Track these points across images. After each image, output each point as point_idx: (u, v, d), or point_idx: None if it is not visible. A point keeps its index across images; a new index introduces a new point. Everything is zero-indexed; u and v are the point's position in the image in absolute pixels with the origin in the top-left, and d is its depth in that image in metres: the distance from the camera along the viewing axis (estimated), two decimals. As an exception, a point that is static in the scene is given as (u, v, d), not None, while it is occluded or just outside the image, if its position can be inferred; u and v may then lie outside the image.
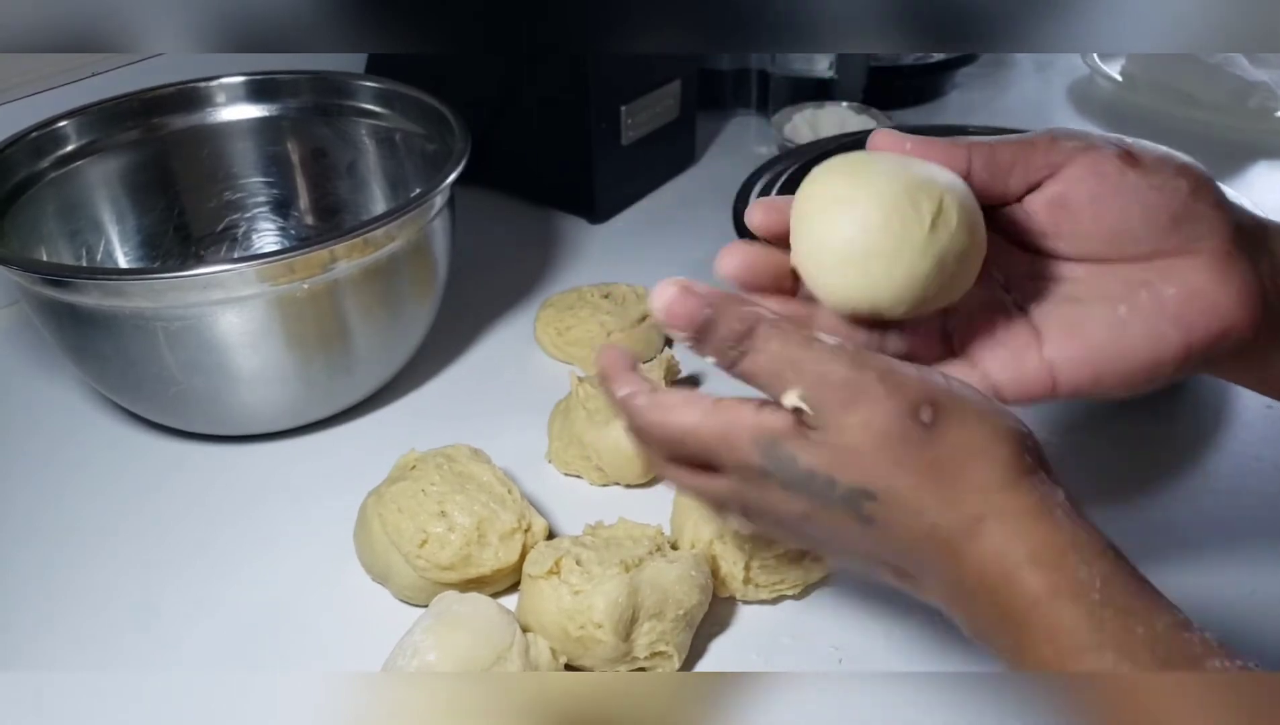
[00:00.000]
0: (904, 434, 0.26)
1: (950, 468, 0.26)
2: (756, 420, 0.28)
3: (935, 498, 0.27)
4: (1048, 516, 0.26)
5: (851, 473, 0.27)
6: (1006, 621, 0.26)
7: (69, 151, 0.56)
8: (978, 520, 0.26)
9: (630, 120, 0.70)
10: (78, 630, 0.43)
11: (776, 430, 0.28)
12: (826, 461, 0.27)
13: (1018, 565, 0.26)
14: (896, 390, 0.27)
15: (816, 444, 0.27)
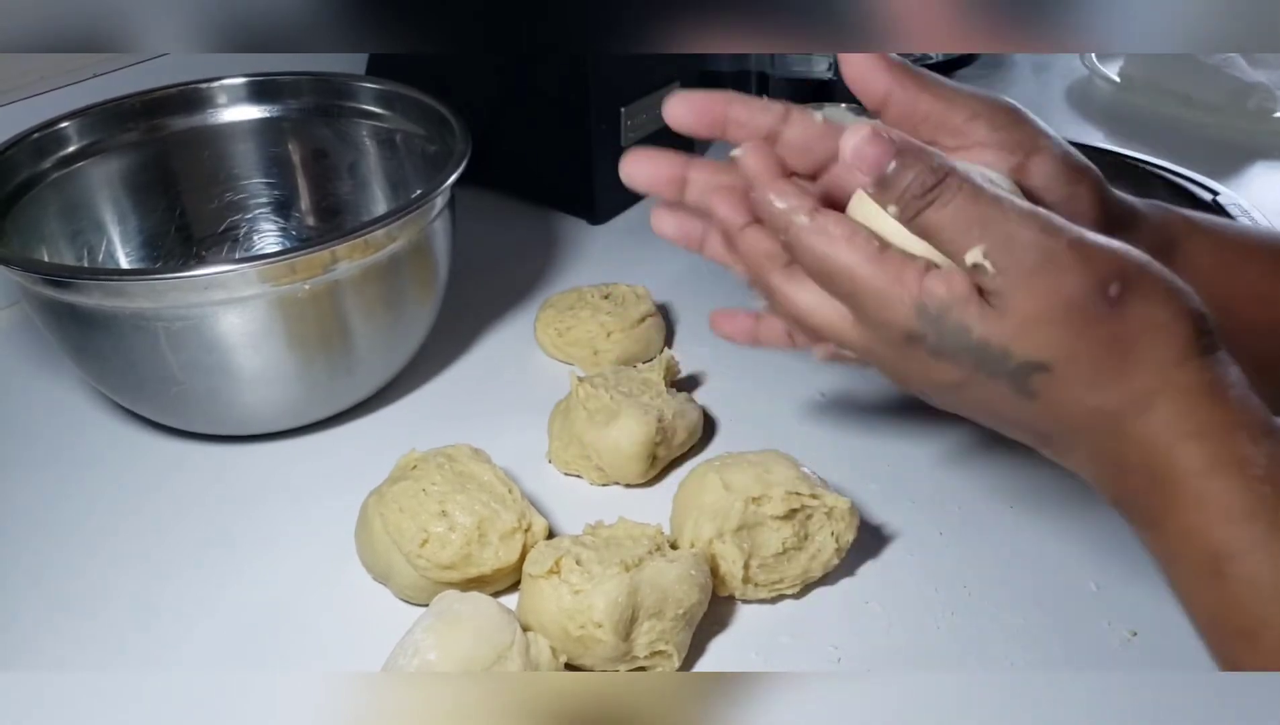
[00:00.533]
0: (1090, 307, 0.26)
1: (1131, 344, 0.26)
2: (925, 284, 0.27)
3: (1111, 374, 0.26)
4: (1221, 394, 0.26)
5: (1029, 344, 0.26)
6: (1157, 490, 0.26)
7: (71, 152, 0.56)
8: (1150, 395, 0.26)
9: (630, 121, 0.70)
10: (78, 630, 0.43)
11: (948, 297, 0.27)
12: (1004, 331, 0.26)
13: (1183, 438, 0.25)
14: (1087, 261, 0.26)
15: (995, 312, 0.26)
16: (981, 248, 0.26)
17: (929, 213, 0.27)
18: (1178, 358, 0.26)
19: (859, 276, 0.28)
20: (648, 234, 0.72)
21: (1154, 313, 0.26)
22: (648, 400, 0.49)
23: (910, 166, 0.27)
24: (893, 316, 0.28)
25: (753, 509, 0.42)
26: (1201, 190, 0.57)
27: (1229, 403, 0.26)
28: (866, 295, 0.28)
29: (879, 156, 0.27)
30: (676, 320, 0.62)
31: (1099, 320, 0.26)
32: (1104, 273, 0.26)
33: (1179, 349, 0.26)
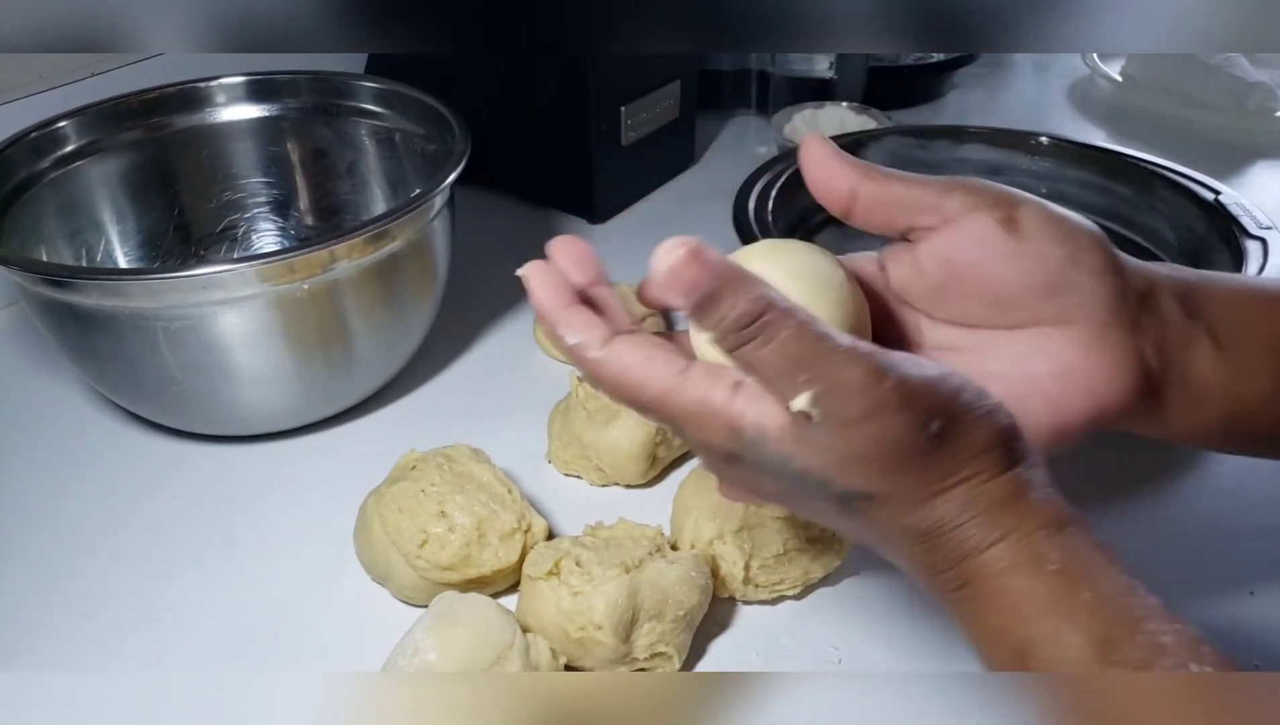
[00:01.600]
0: (913, 445, 0.26)
1: (948, 471, 0.27)
2: (736, 410, 0.27)
3: (930, 498, 0.27)
4: (1024, 498, 0.27)
5: (851, 478, 0.27)
6: (968, 593, 0.27)
7: (69, 151, 0.56)
8: (962, 511, 0.27)
9: (630, 121, 0.70)
10: (78, 630, 0.43)
11: (763, 429, 0.26)
12: (824, 464, 0.27)
13: (988, 545, 0.27)
14: (910, 402, 0.26)
15: (815, 448, 0.26)
16: (809, 395, 0.26)
17: (748, 349, 0.26)
18: (990, 475, 0.27)
19: (668, 401, 0.27)
20: (648, 234, 0.72)
21: (971, 442, 0.27)
22: (648, 400, 0.49)
23: (727, 296, 0.26)
24: (709, 438, 0.27)
25: (753, 510, 0.42)
26: (1203, 189, 0.57)
27: (1031, 505, 0.27)
28: (680, 420, 0.28)
29: (694, 281, 0.26)
30: (676, 320, 0.62)
31: (920, 454, 0.26)
32: (927, 411, 0.26)
33: (991, 467, 0.27)
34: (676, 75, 0.73)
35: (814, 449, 0.26)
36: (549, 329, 0.29)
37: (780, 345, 0.26)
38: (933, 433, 0.26)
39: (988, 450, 0.27)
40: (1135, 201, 0.60)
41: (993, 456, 0.27)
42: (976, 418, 0.27)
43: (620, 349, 0.28)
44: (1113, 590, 0.26)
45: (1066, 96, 0.95)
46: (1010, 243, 0.30)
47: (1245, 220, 0.54)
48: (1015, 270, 0.30)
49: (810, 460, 0.27)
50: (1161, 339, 0.31)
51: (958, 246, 0.30)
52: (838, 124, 0.79)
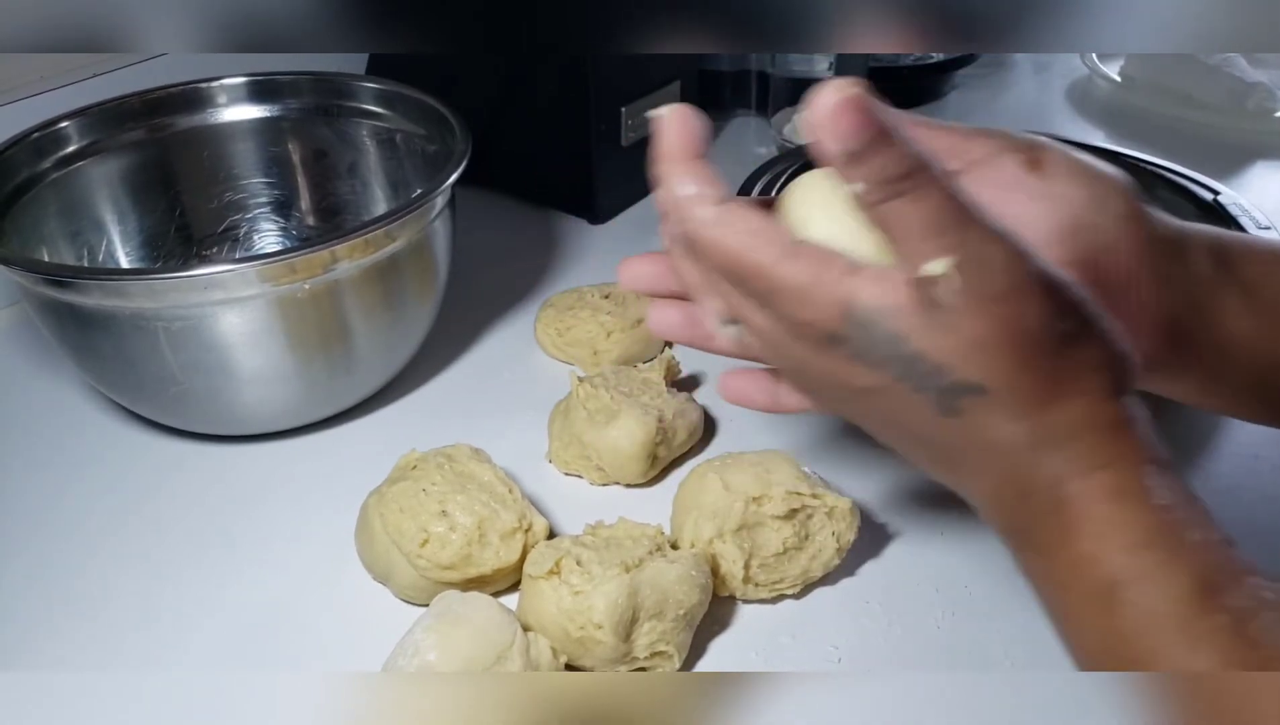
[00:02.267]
0: (1044, 339, 0.25)
1: (1069, 380, 0.26)
2: (853, 284, 0.25)
3: (1043, 406, 0.25)
4: (1131, 430, 0.26)
5: (971, 366, 0.25)
6: (1057, 517, 0.25)
7: (70, 152, 0.56)
8: (1071, 428, 0.26)
9: (630, 121, 0.70)
10: (78, 630, 0.43)
11: (882, 303, 0.25)
12: (947, 348, 0.25)
13: (1092, 469, 0.25)
14: (1051, 293, 0.25)
15: (940, 326, 0.25)
16: (951, 260, 0.24)
17: (897, 204, 0.25)
18: (1103, 397, 0.26)
19: (774, 274, 0.26)
20: (648, 234, 0.72)
21: (1094, 354, 0.26)
22: (648, 400, 0.49)
23: (888, 146, 0.25)
24: (814, 316, 0.26)
25: (753, 509, 0.42)
26: (1202, 190, 0.57)
27: (1137, 438, 0.26)
28: (784, 294, 0.26)
29: (855, 127, 0.25)
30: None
31: (1048, 354, 0.25)
32: (1065, 306, 0.25)
33: (1106, 390, 0.26)
34: (676, 75, 0.73)
35: (939, 328, 0.25)
36: (665, 177, 0.27)
37: (929, 205, 0.25)
38: (1064, 331, 0.25)
39: (1106, 369, 0.26)
40: (1135, 202, 0.60)
41: (1109, 377, 0.26)
42: (1103, 333, 0.26)
43: (737, 208, 0.27)
44: (1218, 538, 0.25)
45: (1066, 96, 0.95)
46: (1034, 182, 0.29)
47: (1244, 220, 0.54)
48: (1039, 210, 0.29)
49: (931, 341, 0.25)
50: (1191, 292, 0.30)
51: (982, 187, 0.29)
52: (838, 124, 0.79)
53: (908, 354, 0.25)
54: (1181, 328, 0.30)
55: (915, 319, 0.25)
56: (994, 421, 0.26)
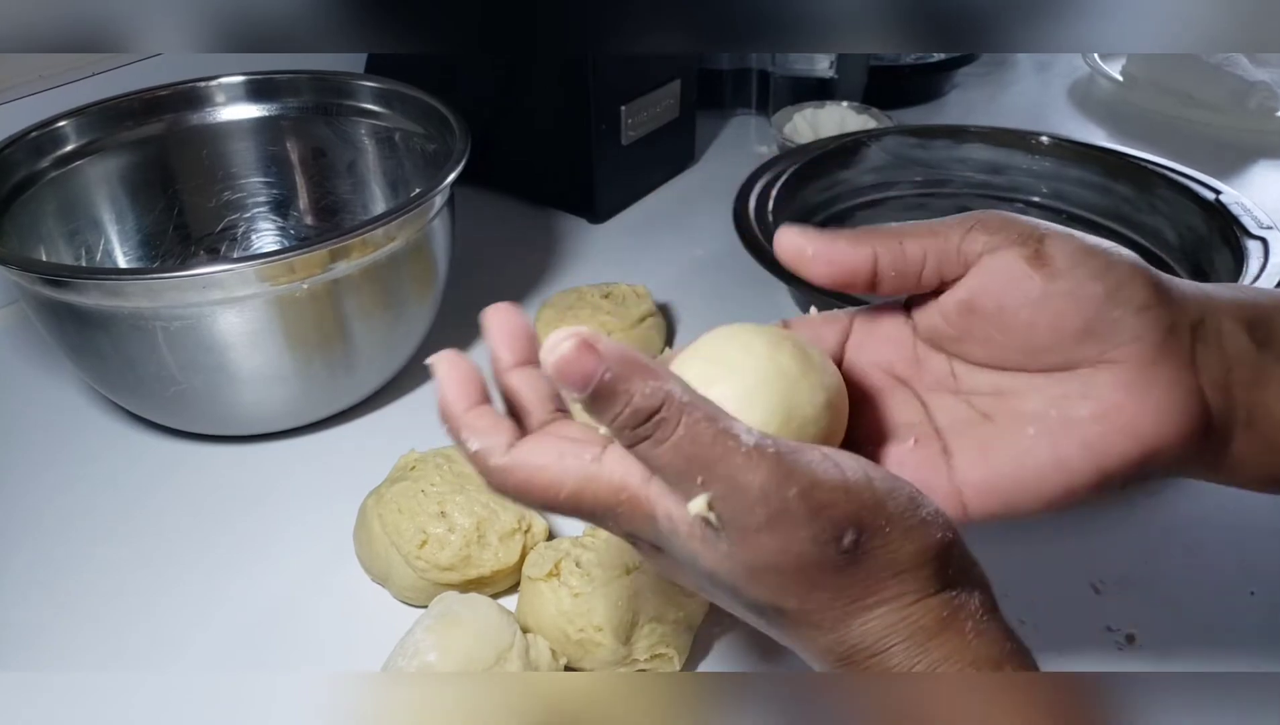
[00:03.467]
0: (822, 560, 0.24)
1: (867, 590, 0.25)
2: (652, 496, 0.25)
3: (844, 618, 0.25)
4: (956, 629, 0.25)
5: (760, 589, 0.25)
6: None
7: (68, 151, 0.56)
8: (886, 635, 0.25)
9: (630, 120, 0.70)
10: (78, 630, 0.43)
11: (676, 521, 0.24)
12: (729, 572, 0.25)
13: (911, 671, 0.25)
14: (819, 512, 0.24)
15: (722, 553, 0.24)
16: (705, 498, 0.23)
17: (644, 447, 0.24)
18: (918, 597, 0.25)
19: (583, 498, 0.25)
20: (648, 234, 0.72)
21: (893, 558, 0.24)
22: (648, 400, 0.49)
23: (621, 389, 0.23)
24: (633, 527, 0.25)
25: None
26: (1203, 189, 0.57)
27: (963, 637, 0.25)
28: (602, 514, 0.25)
29: (586, 373, 0.23)
30: (676, 320, 0.62)
31: (832, 570, 0.24)
32: (839, 522, 0.24)
33: (917, 588, 0.25)
34: (676, 75, 0.72)
35: (718, 554, 0.24)
36: (451, 434, 0.26)
37: (676, 444, 0.23)
38: (845, 546, 0.24)
39: (915, 568, 0.25)
40: (1136, 201, 0.60)
41: (921, 575, 0.25)
42: (903, 531, 0.25)
43: (527, 450, 0.25)
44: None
45: (1067, 96, 0.95)
46: (1038, 283, 0.27)
47: (1246, 220, 0.54)
48: (1045, 313, 0.27)
49: (716, 564, 0.25)
50: (1225, 374, 0.27)
51: (983, 291, 0.28)
52: (838, 124, 0.79)
53: (704, 571, 0.25)
54: (1213, 413, 0.27)
55: (699, 544, 0.25)
56: (804, 635, 0.26)
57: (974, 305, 0.28)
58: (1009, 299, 0.27)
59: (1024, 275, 0.27)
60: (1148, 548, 0.45)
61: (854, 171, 0.65)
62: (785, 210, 0.61)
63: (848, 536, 0.24)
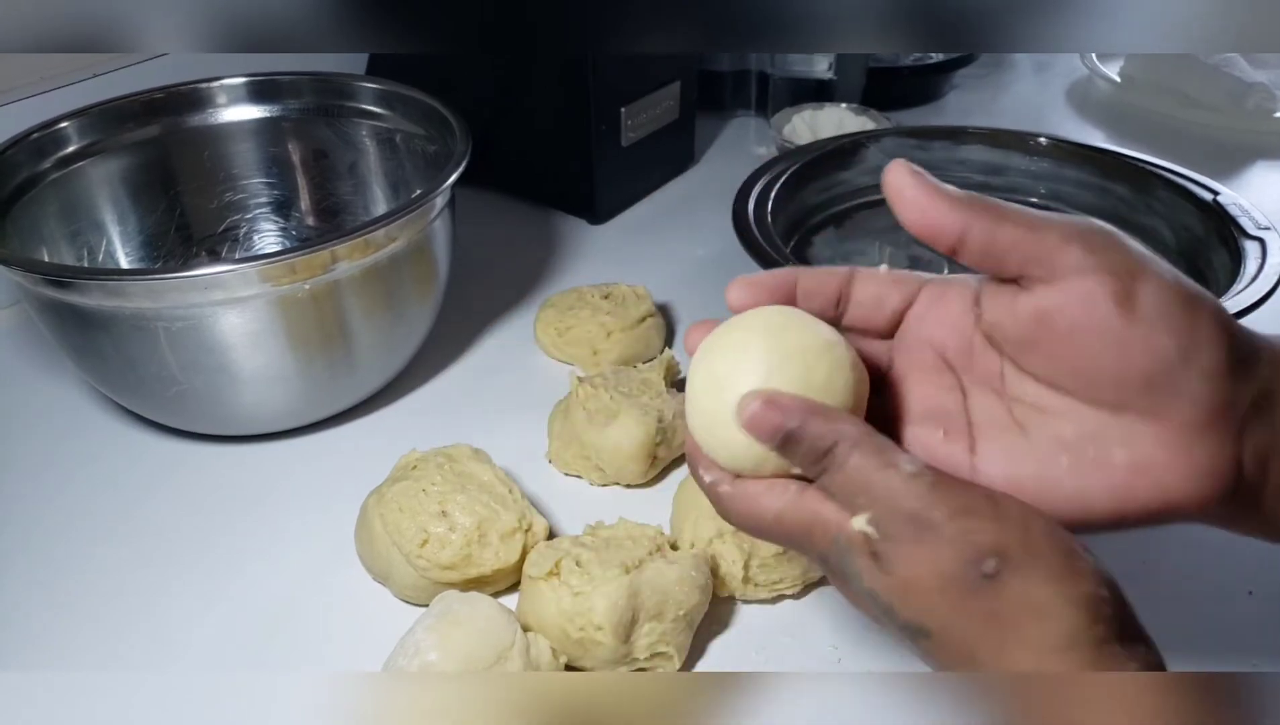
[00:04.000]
0: (964, 581, 0.25)
1: (1009, 623, 0.25)
2: (838, 520, 0.28)
3: (987, 649, 0.26)
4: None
5: (910, 607, 0.27)
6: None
7: (70, 152, 0.56)
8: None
9: (630, 121, 0.70)
10: (78, 630, 0.43)
11: (851, 540, 0.27)
12: (887, 589, 0.27)
13: None
14: (964, 535, 0.26)
15: (881, 570, 0.27)
16: (866, 516, 0.27)
17: (823, 479, 0.28)
18: (1059, 644, 0.25)
19: (786, 519, 0.29)
20: (648, 234, 0.72)
21: (1033, 595, 0.25)
22: (647, 400, 0.49)
23: (802, 436, 0.28)
24: (821, 549, 0.29)
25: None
26: (1201, 190, 0.57)
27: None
28: (798, 533, 0.29)
29: (775, 426, 0.28)
30: (676, 320, 0.62)
31: (975, 594, 0.25)
32: (982, 546, 0.25)
33: (1062, 637, 0.25)
34: (676, 75, 0.73)
35: (880, 571, 0.27)
36: (691, 468, 0.32)
37: (846, 475, 0.27)
38: (987, 572, 0.25)
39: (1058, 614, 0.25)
40: (1133, 201, 0.60)
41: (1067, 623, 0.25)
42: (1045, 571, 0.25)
43: (746, 484, 0.30)
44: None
45: (1066, 97, 0.95)
46: (1118, 322, 0.26)
47: (1244, 220, 0.54)
48: (1114, 353, 0.26)
49: (876, 583, 0.27)
50: (1268, 448, 0.27)
51: (1060, 309, 0.27)
52: (837, 124, 0.79)
53: (865, 590, 0.27)
54: (1245, 482, 0.27)
55: (864, 560, 0.27)
56: (951, 662, 0.27)
57: (1047, 318, 0.27)
58: (1084, 326, 0.27)
59: (1106, 310, 0.26)
60: (1148, 547, 0.45)
61: (853, 172, 0.65)
62: (784, 211, 0.61)
63: (990, 562, 0.25)
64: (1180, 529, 0.46)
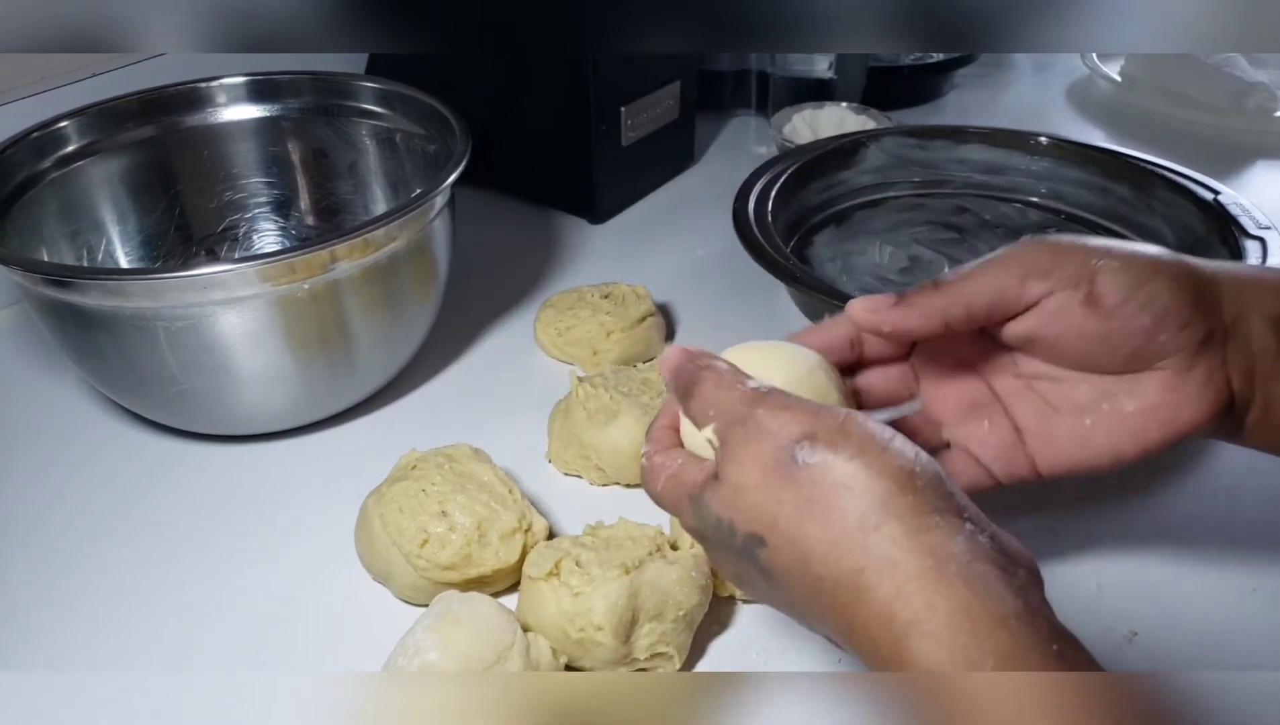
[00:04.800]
0: (782, 469, 0.26)
1: (826, 505, 0.25)
2: (691, 477, 0.30)
3: (815, 540, 0.26)
4: (936, 574, 0.24)
5: (744, 516, 0.27)
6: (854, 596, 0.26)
7: (70, 152, 0.56)
8: (859, 573, 0.25)
9: (630, 121, 0.70)
10: (78, 630, 0.43)
11: (698, 482, 0.29)
12: (727, 504, 0.28)
13: (904, 634, 0.24)
14: (783, 424, 0.27)
15: (720, 487, 0.28)
16: (711, 427, 0.29)
17: (687, 405, 0.30)
18: (879, 521, 0.25)
19: (664, 497, 0.31)
20: (648, 234, 0.72)
21: (845, 470, 0.26)
22: (648, 400, 0.49)
23: (682, 369, 0.30)
24: (686, 519, 0.30)
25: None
26: (1202, 189, 0.57)
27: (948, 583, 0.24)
28: (674, 510, 0.31)
29: (669, 369, 0.31)
30: (676, 320, 0.62)
31: (792, 480, 0.26)
32: (798, 432, 0.26)
33: (880, 511, 0.25)
34: (676, 75, 0.73)
35: (719, 487, 0.28)
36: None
37: (701, 393, 0.30)
38: (802, 454, 0.26)
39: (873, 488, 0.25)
40: (1134, 201, 0.60)
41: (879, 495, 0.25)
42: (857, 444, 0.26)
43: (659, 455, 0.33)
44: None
45: (1066, 96, 0.95)
46: (1092, 322, 0.31)
47: (1244, 220, 0.54)
48: (1099, 344, 0.32)
49: (719, 501, 0.28)
50: (1249, 365, 0.32)
51: (1039, 329, 0.32)
52: (837, 124, 0.79)
53: (714, 519, 0.28)
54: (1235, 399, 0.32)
55: (711, 486, 0.29)
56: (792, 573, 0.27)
57: (1034, 338, 0.33)
58: (1065, 335, 0.32)
59: (1079, 317, 0.31)
60: (1148, 547, 0.45)
61: (853, 172, 0.65)
62: (784, 210, 0.61)
63: (803, 446, 0.26)
64: (1180, 529, 0.46)
